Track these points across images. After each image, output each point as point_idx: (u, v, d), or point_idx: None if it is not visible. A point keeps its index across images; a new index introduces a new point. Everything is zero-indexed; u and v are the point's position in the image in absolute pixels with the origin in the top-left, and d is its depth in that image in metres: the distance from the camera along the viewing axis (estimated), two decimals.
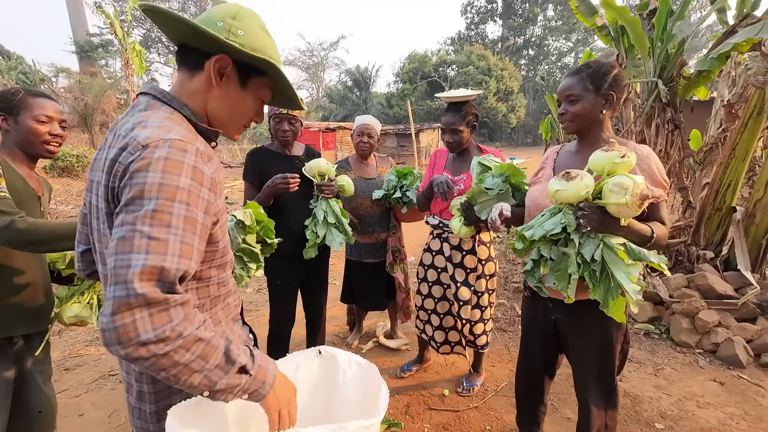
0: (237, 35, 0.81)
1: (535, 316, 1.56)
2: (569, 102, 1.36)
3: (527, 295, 1.60)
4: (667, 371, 2.61)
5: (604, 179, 1.13)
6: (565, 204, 1.18)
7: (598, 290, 1.14)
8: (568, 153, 1.48)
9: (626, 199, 1.05)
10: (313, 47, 41.07)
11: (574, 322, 1.43)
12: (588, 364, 1.42)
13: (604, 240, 1.14)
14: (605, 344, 1.38)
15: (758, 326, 2.83)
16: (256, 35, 0.84)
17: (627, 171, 1.12)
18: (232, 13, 0.82)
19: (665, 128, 3.30)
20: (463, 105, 2.07)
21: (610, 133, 1.39)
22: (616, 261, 1.11)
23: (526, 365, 1.66)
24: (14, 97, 1.36)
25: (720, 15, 3.73)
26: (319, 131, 17.40)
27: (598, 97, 1.32)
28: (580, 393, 1.48)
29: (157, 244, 0.64)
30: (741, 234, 3.23)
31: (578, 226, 1.14)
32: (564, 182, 1.14)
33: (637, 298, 1.08)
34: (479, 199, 1.70)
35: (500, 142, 33.30)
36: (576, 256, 1.15)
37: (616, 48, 3.94)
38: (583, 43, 35.33)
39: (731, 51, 2.79)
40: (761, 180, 3.16)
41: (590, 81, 1.32)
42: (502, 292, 3.88)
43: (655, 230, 1.22)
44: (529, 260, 1.26)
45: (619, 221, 1.13)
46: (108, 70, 24.35)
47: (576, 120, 1.36)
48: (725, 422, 2.14)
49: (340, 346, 2.96)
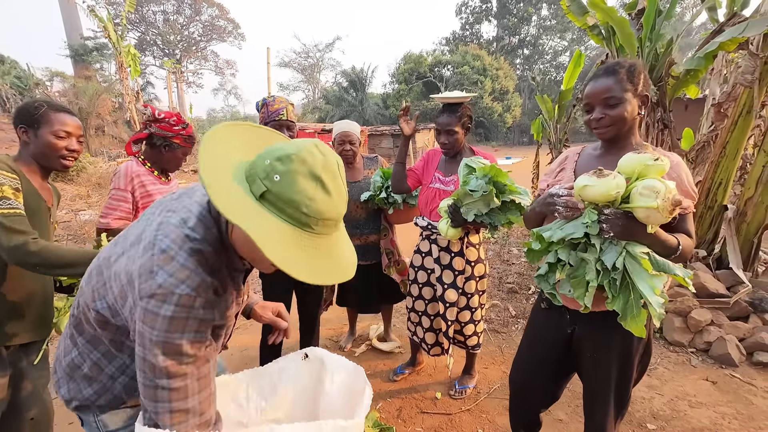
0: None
1: (545, 331, 1.45)
2: (607, 106, 1.22)
3: (544, 307, 1.46)
4: (660, 371, 2.61)
5: (633, 183, 1.06)
6: (590, 205, 1.10)
7: (617, 301, 1.07)
8: (591, 156, 1.37)
9: (657, 203, 0.98)
10: (308, 48, 41.04)
11: (593, 333, 1.32)
12: (605, 377, 1.32)
13: (627, 248, 1.07)
14: (625, 357, 1.29)
15: (750, 324, 2.84)
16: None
17: (659, 175, 1.05)
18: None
19: (655, 128, 3.31)
20: (458, 106, 2.07)
21: (639, 137, 1.31)
22: (639, 271, 1.04)
23: (523, 387, 1.54)
24: (36, 111, 1.38)
25: (711, 13, 3.74)
26: (315, 133, 17.38)
27: (636, 98, 1.23)
28: (592, 406, 1.39)
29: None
30: (732, 232, 3.24)
31: (600, 231, 1.07)
32: (594, 178, 1.05)
33: (660, 312, 1.01)
34: (465, 201, 1.70)
35: (496, 141, 33.36)
36: (596, 263, 1.08)
37: (608, 47, 3.95)
38: (578, 42, 35.44)
39: (718, 50, 2.80)
40: (752, 178, 3.17)
41: (629, 81, 1.21)
42: (496, 293, 3.88)
43: (682, 242, 1.13)
44: (544, 264, 1.18)
45: (646, 228, 1.05)
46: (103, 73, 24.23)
47: (616, 124, 1.23)
48: (717, 422, 2.14)
49: (333, 349, 2.95)
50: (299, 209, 0.71)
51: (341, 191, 0.76)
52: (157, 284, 0.73)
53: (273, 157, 0.72)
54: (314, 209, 0.72)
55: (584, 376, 1.41)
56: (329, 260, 0.77)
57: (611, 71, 1.23)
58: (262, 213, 0.71)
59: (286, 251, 0.70)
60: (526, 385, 1.54)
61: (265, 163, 0.73)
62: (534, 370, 1.49)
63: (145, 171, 1.84)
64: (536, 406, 1.55)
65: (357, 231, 2.49)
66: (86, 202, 8.70)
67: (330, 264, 0.77)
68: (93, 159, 11.08)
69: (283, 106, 2.01)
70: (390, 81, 33.91)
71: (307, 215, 0.72)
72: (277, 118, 1.99)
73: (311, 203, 0.71)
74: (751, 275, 3.21)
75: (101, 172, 10.27)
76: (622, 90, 1.21)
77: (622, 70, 1.22)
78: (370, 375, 2.61)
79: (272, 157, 0.72)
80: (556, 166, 1.48)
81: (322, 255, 0.75)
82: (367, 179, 2.50)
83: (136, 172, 1.80)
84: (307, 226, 0.73)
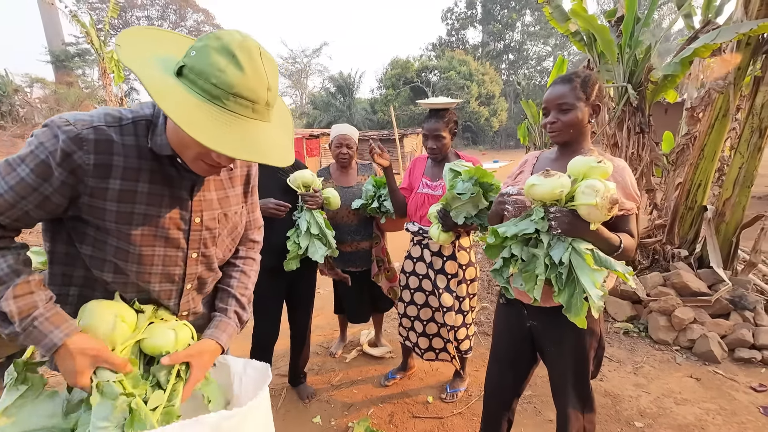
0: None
1: (510, 324, 1.54)
2: (561, 111, 1.32)
3: (502, 302, 1.57)
4: (646, 369, 2.66)
5: (578, 183, 1.15)
6: (539, 203, 1.19)
7: (563, 294, 1.14)
8: (548, 159, 1.48)
9: (596, 201, 1.07)
10: (295, 54, 41.03)
11: (549, 329, 1.42)
12: (563, 371, 1.42)
13: (573, 244, 1.15)
14: (579, 351, 1.38)
15: (731, 321, 2.92)
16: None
17: (602, 176, 1.14)
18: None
19: (635, 131, 3.40)
20: (444, 112, 2.10)
21: (590, 144, 1.40)
22: (582, 266, 1.12)
23: (496, 380, 1.62)
24: None
25: (687, 21, 3.87)
26: (303, 138, 17.32)
27: (588, 107, 1.32)
28: (557, 399, 1.48)
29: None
30: (712, 232, 3.34)
31: (549, 228, 1.15)
32: (542, 178, 1.15)
33: (599, 305, 1.08)
34: (454, 205, 1.73)
35: (484, 145, 33.74)
36: (544, 258, 1.16)
37: (590, 53, 4.04)
38: (561, 48, 36.16)
39: (693, 56, 2.90)
40: (729, 179, 3.28)
41: (582, 90, 1.31)
42: (485, 295, 3.91)
43: (624, 241, 1.23)
44: (499, 258, 1.26)
45: (589, 225, 1.14)
46: (85, 79, 23.80)
47: (567, 129, 1.33)
48: (702, 418, 2.19)
49: (324, 356, 2.93)
50: (209, 80, 0.72)
51: (259, 73, 0.76)
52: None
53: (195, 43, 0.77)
54: (223, 81, 0.72)
55: (548, 368, 1.50)
56: (243, 138, 0.76)
57: (567, 80, 1.33)
58: (176, 86, 0.74)
59: (191, 114, 0.71)
60: (500, 375, 1.60)
61: (187, 49, 0.77)
62: (505, 359, 1.58)
63: None
64: (510, 393, 1.61)
65: (348, 237, 2.49)
66: None
67: (242, 140, 0.75)
68: None
69: None
70: (378, 86, 34.10)
71: (216, 86, 0.73)
72: None
73: (221, 74, 0.72)
74: (731, 273, 3.30)
75: None
76: (575, 98, 1.30)
77: (578, 80, 1.32)
78: (361, 381, 2.60)
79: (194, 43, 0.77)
80: (516, 169, 1.58)
81: (234, 131, 0.75)
82: (360, 185, 2.50)
83: None
84: (218, 99, 0.74)
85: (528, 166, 1.53)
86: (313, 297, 2.38)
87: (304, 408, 2.35)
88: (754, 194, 4.67)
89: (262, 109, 0.79)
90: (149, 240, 0.91)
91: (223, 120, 0.74)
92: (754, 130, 3.11)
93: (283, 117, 0.92)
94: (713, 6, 3.61)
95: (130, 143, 0.86)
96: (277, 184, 2.07)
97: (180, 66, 0.75)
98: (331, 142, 2.50)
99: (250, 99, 0.76)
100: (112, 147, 0.84)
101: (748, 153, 3.16)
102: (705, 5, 3.65)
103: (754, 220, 3.40)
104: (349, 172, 2.57)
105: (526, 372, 1.58)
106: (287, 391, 2.49)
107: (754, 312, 2.93)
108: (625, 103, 3.45)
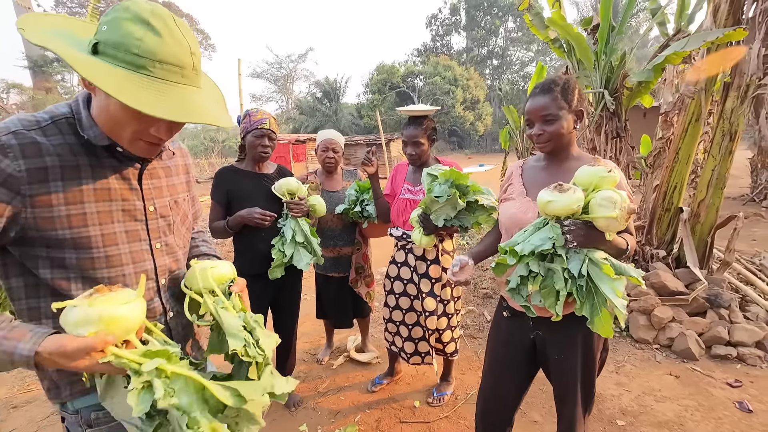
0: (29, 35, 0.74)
1: (509, 337, 1.49)
2: (545, 122, 1.31)
3: (507, 315, 1.50)
4: (628, 368, 2.72)
5: (590, 194, 1.13)
6: (552, 218, 1.16)
7: (585, 306, 1.13)
8: (536, 168, 1.46)
9: (616, 213, 1.06)
10: (281, 59, 40.92)
11: (557, 337, 1.38)
12: (571, 377, 1.39)
13: (588, 255, 1.13)
14: (588, 356, 1.36)
15: (708, 319, 3.00)
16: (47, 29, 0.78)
17: (613, 186, 1.12)
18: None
19: (612, 136, 3.49)
20: (423, 119, 2.15)
21: (577, 149, 1.40)
22: (601, 276, 1.10)
23: (494, 393, 1.56)
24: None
25: (661, 28, 4.01)
26: (289, 143, 17.24)
27: (571, 114, 1.31)
28: (563, 404, 1.44)
29: None
30: (688, 232, 3.44)
31: (565, 242, 1.12)
32: (557, 194, 1.12)
33: (625, 313, 1.07)
34: (433, 208, 1.75)
35: (470, 149, 34.11)
36: (563, 272, 1.13)
37: (569, 60, 4.15)
38: (543, 54, 36.90)
39: (665, 63, 3.01)
40: (702, 181, 3.39)
41: (563, 98, 1.30)
42: (471, 298, 3.95)
43: (629, 242, 1.24)
44: (514, 277, 1.19)
45: (605, 236, 1.12)
46: (65, 85, 23.30)
47: (554, 140, 1.32)
48: (681, 414, 2.24)
49: (311, 363, 2.91)
50: (130, 51, 0.72)
51: (178, 38, 0.76)
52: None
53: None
54: (145, 49, 0.72)
55: (552, 377, 1.46)
56: (177, 102, 0.76)
57: (547, 89, 1.32)
58: (96, 61, 0.72)
59: (122, 85, 0.70)
60: (497, 390, 1.57)
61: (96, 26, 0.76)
62: (503, 374, 1.54)
63: None
64: (511, 409, 1.59)
65: (331, 242, 2.50)
66: None
67: (177, 105, 0.76)
68: None
69: (266, 117, 2.06)
70: (364, 91, 34.22)
71: (139, 56, 0.72)
72: (259, 126, 2.03)
73: (140, 43, 0.72)
74: (707, 273, 3.40)
75: None
76: (558, 108, 1.29)
77: (557, 89, 1.30)
78: (348, 387, 2.60)
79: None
80: (504, 183, 1.56)
81: (168, 97, 0.75)
82: (345, 190, 2.52)
83: None
84: (143, 68, 0.73)
85: (516, 177, 1.50)
86: (298, 304, 2.37)
87: (290, 416, 2.33)
88: (727, 195, 4.83)
89: (190, 74, 0.80)
90: (111, 239, 0.88)
91: (155, 88, 0.74)
92: (725, 134, 3.23)
93: (213, 90, 0.93)
94: (685, 15, 3.76)
95: (58, 142, 0.82)
96: (262, 192, 2.06)
97: (94, 44, 0.73)
98: (317, 147, 2.52)
99: (176, 64, 0.76)
100: (39, 149, 0.79)
101: (720, 156, 3.27)
102: (677, 14, 3.80)
103: (727, 220, 3.52)
104: (334, 177, 2.58)
105: (527, 383, 1.55)
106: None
107: (729, 310, 3.03)
108: (603, 109, 3.55)
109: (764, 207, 7.90)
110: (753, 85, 2.92)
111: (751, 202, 8.37)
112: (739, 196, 8.80)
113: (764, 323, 2.94)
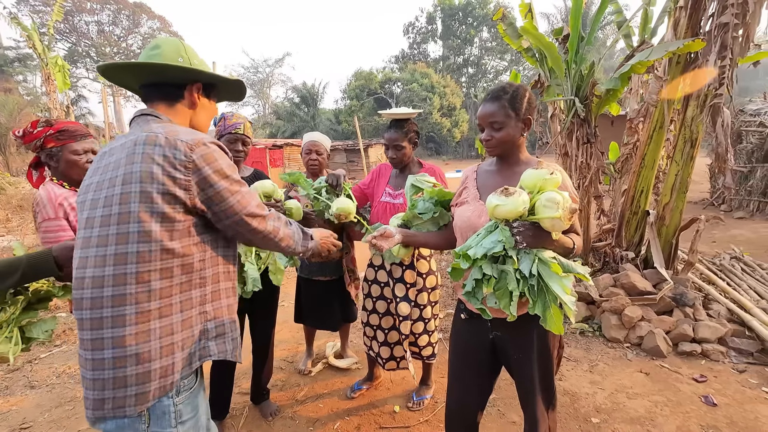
0: (195, 64, 1.13)
1: (469, 339, 1.52)
2: (493, 128, 1.37)
3: (463, 318, 1.54)
4: (601, 366, 2.80)
5: (535, 196, 1.18)
6: (502, 221, 1.20)
7: (537, 305, 1.17)
8: (489, 172, 1.50)
9: (560, 213, 1.11)
10: (257, 64, 40.44)
11: (514, 336, 1.42)
12: (531, 374, 1.42)
13: (538, 255, 1.18)
14: (545, 353, 1.40)
15: (674, 318, 3.13)
16: (199, 59, 1.16)
17: (555, 187, 1.18)
18: (178, 49, 1.11)
19: (583, 141, 3.62)
20: (405, 122, 2.16)
21: (526, 153, 1.46)
22: (550, 274, 1.15)
23: (461, 396, 1.58)
24: None
25: (627, 40, 4.19)
26: (266, 148, 16.99)
27: (519, 122, 1.36)
28: (525, 402, 1.48)
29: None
30: (654, 235, 3.59)
31: (515, 243, 1.16)
32: (504, 198, 1.16)
33: (575, 309, 1.12)
34: (414, 223, 1.74)
35: (447, 155, 34.53)
36: (515, 273, 1.17)
37: (541, 69, 4.28)
38: (517, 63, 37.93)
39: (630, 72, 3.16)
40: (666, 186, 3.55)
41: (511, 107, 1.34)
42: (450, 302, 3.97)
43: (575, 241, 1.31)
44: (469, 281, 1.22)
45: (551, 235, 1.18)
46: (27, 86, 22.24)
47: (501, 146, 1.38)
48: (651, 410, 2.32)
49: (289, 370, 2.86)
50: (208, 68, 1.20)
51: None
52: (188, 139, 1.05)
53: (179, 54, 1.14)
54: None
55: (513, 375, 1.50)
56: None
57: (496, 97, 1.36)
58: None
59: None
60: (463, 393, 1.58)
61: (180, 62, 1.12)
62: (467, 376, 1.55)
63: (69, 192, 1.67)
64: (475, 410, 1.60)
65: None
66: (5, 226, 7.85)
67: None
68: (14, 179, 10.06)
69: (240, 121, 2.05)
70: (342, 97, 34.17)
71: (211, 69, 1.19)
72: (233, 131, 2.03)
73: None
74: (673, 273, 3.55)
75: (23, 193, 9.34)
76: (505, 115, 1.34)
77: (506, 97, 1.35)
78: (327, 394, 2.55)
79: (179, 54, 1.14)
80: (459, 187, 1.60)
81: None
82: None
83: (62, 195, 1.63)
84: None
85: (470, 181, 1.54)
86: (275, 309, 2.32)
87: (267, 426, 2.27)
88: (689, 199, 5.07)
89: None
90: None
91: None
92: (687, 141, 3.40)
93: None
94: (648, 28, 3.95)
95: None
96: None
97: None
98: (302, 150, 2.53)
99: None
100: None
101: (682, 161, 3.44)
102: (641, 27, 4.00)
103: (690, 223, 3.70)
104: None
105: (490, 385, 1.57)
106: (249, 410, 2.40)
107: (694, 308, 3.17)
108: (574, 115, 3.67)
109: (722, 211, 8.36)
110: (710, 95, 3.09)
111: (710, 206, 8.86)
112: (700, 201, 9.29)
113: (725, 320, 3.10)
